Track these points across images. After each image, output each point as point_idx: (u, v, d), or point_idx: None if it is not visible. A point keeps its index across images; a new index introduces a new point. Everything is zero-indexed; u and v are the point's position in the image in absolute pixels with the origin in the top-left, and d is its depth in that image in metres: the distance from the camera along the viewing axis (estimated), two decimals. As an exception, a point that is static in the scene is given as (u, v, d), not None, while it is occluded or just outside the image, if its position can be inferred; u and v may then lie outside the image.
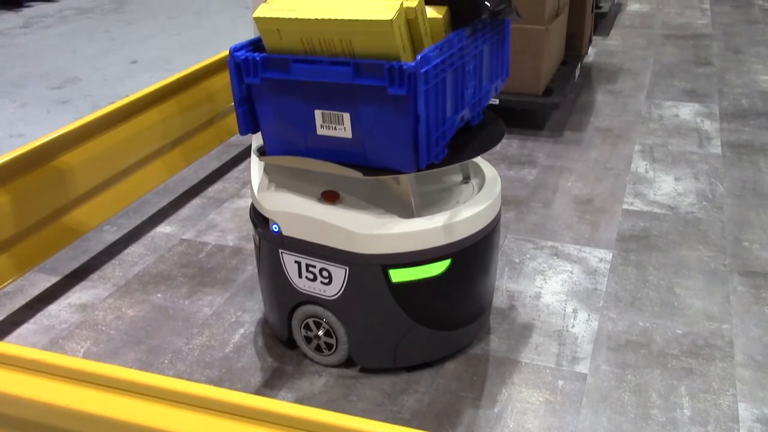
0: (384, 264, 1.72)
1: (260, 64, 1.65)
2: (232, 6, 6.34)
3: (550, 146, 3.35)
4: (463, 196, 1.90)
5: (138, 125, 2.73)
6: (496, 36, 1.83)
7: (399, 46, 1.52)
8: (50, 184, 2.32)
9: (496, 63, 1.86)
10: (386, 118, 1.57)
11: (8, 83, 4.35)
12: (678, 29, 5.34)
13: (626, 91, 4.06)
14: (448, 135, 1.67)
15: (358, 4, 1.55)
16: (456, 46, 1.62)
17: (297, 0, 1.66)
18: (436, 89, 1.57)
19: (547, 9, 3.35)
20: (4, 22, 5.86)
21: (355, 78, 1.55)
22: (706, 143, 3.36)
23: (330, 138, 1.68)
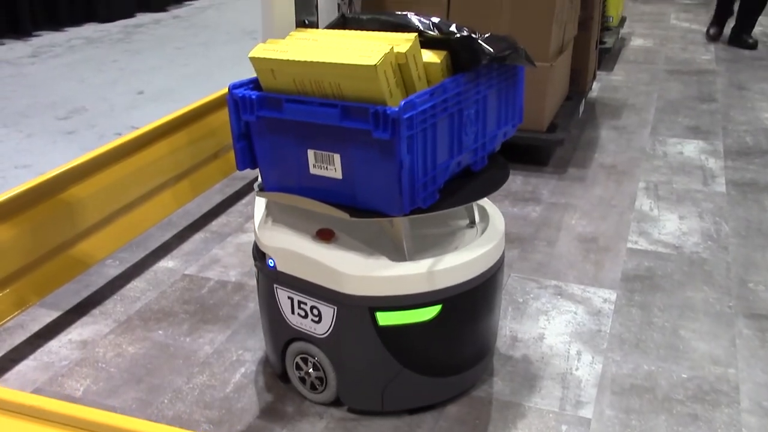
0: (371, 306, 1.72)
1: (256, 102, 1.70)
2: (240, 37, 6.39)
3: (554, 183, 3.35)
4: (463, 241, 1.88)
5: (143, 159, 2.74)
6: (506, 81, 1.82)
7: (385, 90, 1.54)
8: (53, 219, 2.32)
9: (505, 108, 1.85)
10: (372, 161, 1.60)
11: (16, 113, 4.37)
12: (682, 65, 5.36)
13: (630, 127, 4.06)
14: (439, 180, 1.68)
15: (348, 48, 1.58)
16: (450, 92, 1.63)
17: (292, 41, 1.72)
18: (424, 134, 1.58)
19: (552, 46, 3.37)
20: (13, 52, 5.91)
21: (342, 120, 1.58)
22: (711, 181, 3.35)
23: (322, 178, 1.71)
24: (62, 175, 2.36)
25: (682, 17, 7.02)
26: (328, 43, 1.66)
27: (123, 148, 2.64)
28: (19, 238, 2.20)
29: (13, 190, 2.19)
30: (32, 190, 2.25)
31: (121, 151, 2.63)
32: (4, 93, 4.78)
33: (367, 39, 1.67)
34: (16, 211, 2.20)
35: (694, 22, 6.81)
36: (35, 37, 6.40)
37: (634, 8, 7.39)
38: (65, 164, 2.39)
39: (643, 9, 7.39)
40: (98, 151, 2.53)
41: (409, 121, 1.51)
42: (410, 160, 1.55)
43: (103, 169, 2.56)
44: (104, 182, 2.55)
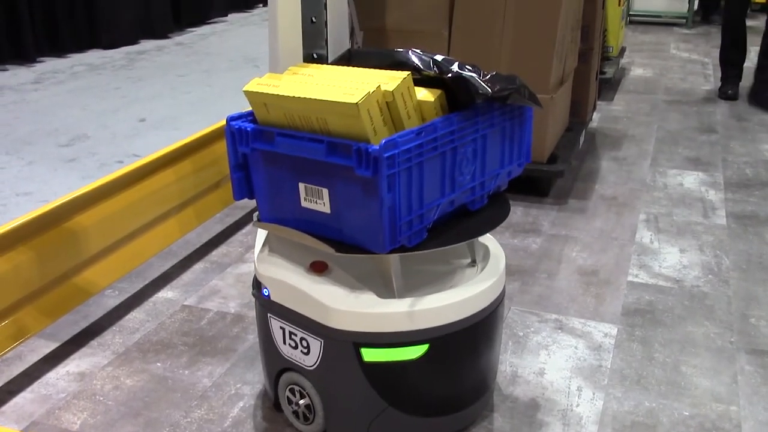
0: (355, 341, 1.72)
1: (251, 134, 1.75)
2: (242, 64, 6.43)
3: (555, 214, 3.35)
4: (461, 279, 1.87)
5: (145, 189, 2.74)
6: (512, 120, 1.82)
7: (368, 128, 1.55)
8: (54, 249, 2.32)
9: (510, 147, 1.84)
10: (356, 198, 1.62)
11: (18, 140, 4.39)
12: (681, 95, 5.38)
13: (631, 159, 4.07)
14: (427, 219, 1.67)
15: (337, 85, 1.61)
16: (441, 131, 1.63)
17: (288, 76, 1.76)
18: (408, 173, 1.58)
19: (553, 78, 3.39)
20: (16, 78, 5.94)
21: (327, 156, 1.60)
22: (711, 214, 3.35)
23: (312, 211, 1.73)
24: (64, 205, 2.36)
25: (682, 47, 7.07)
26: (321, 79, 1.70)
27: (125, 178, 2.65)
28: (22, 268, 2.20)
29: (15, 221, 2.19)
30: (34, 220, 2.25)
31: (123, 181, 2.64)
32: (7, 119, 4.80)
33: (360, 76, 1.68)
34: (18, 240, 2.20)
35: (693, 52, 6.85)
36: (38, 63, 6.44)
37: (634, 38, 7.44)
38: (66, 195, 2.39)
39: (642, 38, 7.45)
40: (101, 181, 2.54)
41: (390, 160, 1.53)
42: (392, 198, 1.56)
43: (105, 199, 2.56)
44: (106, 212, 2.55)
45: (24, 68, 6.27)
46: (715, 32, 7.78)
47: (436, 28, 3.46)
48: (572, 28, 3.67)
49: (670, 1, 8.09)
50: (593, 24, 4.06)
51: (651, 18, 8.22)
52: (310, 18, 2.01)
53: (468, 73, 1.67)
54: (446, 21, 3.43)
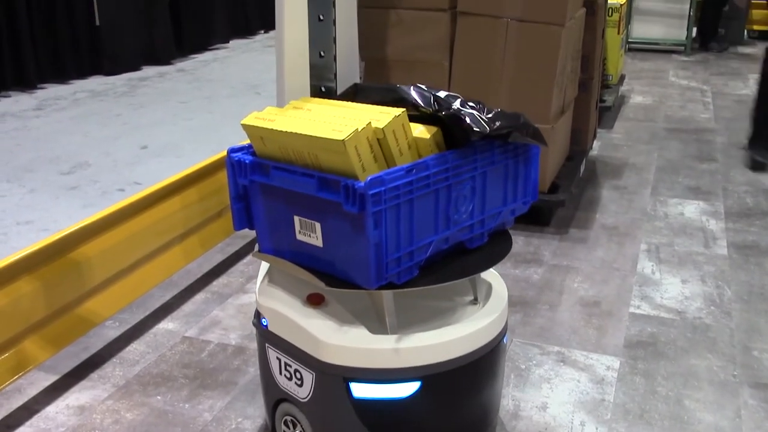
0: (345, 376, 1.71)
1: (249, 167, 1.77)
2: (244, 91, 6.46)
3: (556, 244, 3.35)
4: (461, 316, 1.85)
5: (148, 219, 2.74)
6: (515, 158, 1.81)
7: (355, 164, 1.57)
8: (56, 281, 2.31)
9: (514, 185, 1.84)
10: (345, 233, 1.62)
11: (19, 168, 4.40)
12: (681, 123, 5.41)
13: (631, 187, 4.08)
14: (418, 256, 1.67)
15: (329, 121, 1.63)
16: (434, 168, 1.63)
17: (287, 111, 1.78)
18: (397, 210, 1.59)
19: (553, 108, 3.40)
20: (18, 104, 5.97)
21: (318, 191, 1.62)
22: (712, 243, 3.35)
23: (306, 244, 1.74)
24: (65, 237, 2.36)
25: (681, 74, 7.11)
26: (317, 114, 1.72)
27: (128, 209, 2.65)
28: (24, 300, 2.19)
29: (17, 253, 2.19)
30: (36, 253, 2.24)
31: (126, 212, 2.64)
32: (9, 147, 4.82)
33: (356, 112, 1.70)
34: (21, 272, 2.20)
35: (692, 79, 6.89)
36: (40, 89, 6.47)
37: (633, 65, 7.48)
38: (68, 227, 2.39)
39: (641, 66, 7.49)
40: (104, 212, 2.54)
41: (376, 197, 1.54)
42: (378, 235, 1.57)
43: (107, 230, 2.56)
44: (109, 243, 2.55)
45: (26, 94, 6.29)
46: (713, 59, 7.84)
47: (437, 58, 3.48)
48: (572, 58, 3.69)
49: (668, 28, 8.15)
50: (593, 53, 4.08)
51: (649, 45, 8.27)
52: (319, 52, 2.02)
53: (468, 110, 1.67)
54: (447, 52, 3.46)
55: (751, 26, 8.87)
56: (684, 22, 8.03)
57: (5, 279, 2.15)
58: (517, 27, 3.33)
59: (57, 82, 6.72)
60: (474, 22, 3.39)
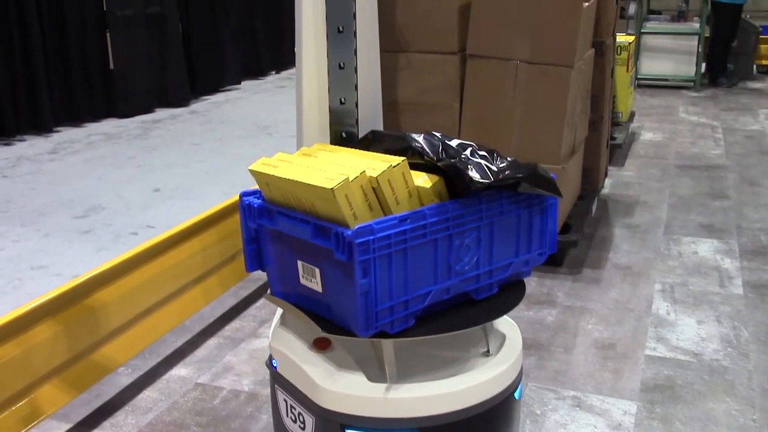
0: (342, 423, 1.70)
1: (257, 211, 1.80)
2: (255, 132, 6.51)
3: (570, 285, 3.33)
4: (468, 368, 1.81)
5: (160, 265, 2.75)
6: (528, 208, 1.78)
7: (346, 212, 1.58)
8: (71, 328, 2.32)
9: (527, 236, 1.81)
10: (339, 280, 1.63)
11: (34, 212, 4.43)
12: (692, 159, 5.40)
13: (644, 226, 4.06)
14: (414, 306, 1.66)
15: (325, 169, 1.65)
16: (431, 218, 1.63)
17: (294, 157, 1.81)
18: (388, 259, 1.58)
19: (564, 148, 3.41)
20: (33, 148, 6.04)
21: (313, 237, 1.63)
22: (728, 283, 3.33)
23: (309, 288, 1.75)
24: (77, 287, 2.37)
25: (691, 110, 7.12)
26: (320, 162, 1.75)
27: (142, 255, 2.66)
28: (39, 349, 2.19)
29: (31, 303, 2.20)
30: (50, 302, 2.25)
31: (140, 258, 2.65)
32: (24, 190, 4.86)
33: (357, 160, 1.72)
34: (35, 321, 2.21)
35: (702, 115, 6.90)
36: (56, 132, 6.55)
37: (643, 101, 7.50)
38: (81, 275, 2.40)
39: (651, 102, 7.51)
40: (118, 259, 2.55)
41: (364, 245, 1.54)
42: (367, 284, 1.57)
43: (122, 276, 2.57)
44: (123, 289, 2.56)
45: (41, 138, 6.37)
46: (723, 95, 7.85)
47: (448, 100, 3.50)
48: (582, 98, 3.71)
49: (677, 64, 8.18)
50: (602, 93, 4.10)
51: (659, 81, 8.30)
52: (340, 98, 2.03)
53: (477, 159, 1.67)
54: (457, 94, 3.48)
55: (760, 61, 8.91)
56: (693, 58, 8.07)
57: (19, 329, 2.16)
58: (527, 69, 3.36)
59: (71, 125, 6.80)
60: (483, 65, 3.42)
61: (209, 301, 3.01)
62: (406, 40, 3.53)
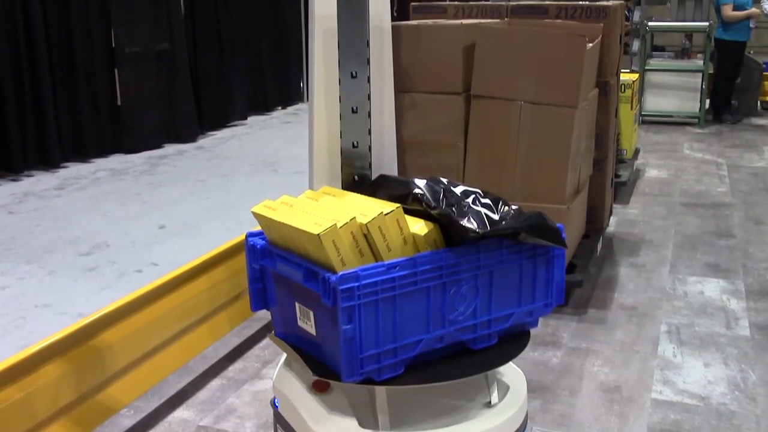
0: None
1: (259, 252, 1.84)
2: (261, 168, 6.53)
3: (575, 325, 3.31)
4: (466, 417, 1.79)
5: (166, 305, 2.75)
6: (532, 258, 1.77)
7: (333, 258, 1.60)
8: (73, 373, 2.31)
9: (531, 287, 1.79)
10: (328, 324, 1.64)
11: (39, 249, 4.44)
12: (697, 197, 5.40)
13: (649, 265, 4.05)
14: (403, 354, 1.65)
15: (319, 214, 1.68)
16: (423, 266, 1.62)
17: (297, 201, 1.84)
18: (375, 306, 1.59)
19: (568, 188, 3.41)
20: (40, 184, 6.07)
21: (304, 281, 1.65)
22: (734, 324, 3.31)
23: (305, 330, 1.76)
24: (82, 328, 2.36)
25: (695, 147, 7.14)
26: (318, 206, 1.78)
27: (148, 296, 2.66)
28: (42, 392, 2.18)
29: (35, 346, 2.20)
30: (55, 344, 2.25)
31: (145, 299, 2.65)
32: (30, 227, 4.88)
33: (354, 205, 1.74)
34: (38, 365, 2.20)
35: (706, 152, 6.91)
36: (63, 168, 6.58)
37: (647, 138, 7.52)
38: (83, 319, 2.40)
39: (656, 139, 7.53)
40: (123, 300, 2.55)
41: (348, 292, 1.55)
42: (351, 330, 1.57)
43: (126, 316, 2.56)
44: (128, 330, 2.55)
45: (48, 173, 6.40)
46: (727, 131, 7.87)
47: (452, 140, 3.52)
48: (586, 138, 3.72)
49: (681, 101, 8.22)
50: (606, 132, 4.11)
51: (663, 118, 8.33)
52: (352, 142, 2.03)
53: (477, 207, 1.67)
54: (462, 134, 3.50)
55: (764, 97, 8.94)
56: (697, 94, 8.11)
57: (22, 372, 2.15)
58: (531, 109, 3.38)
59: (79, 160, 6.84)
60: (487, 105, 3.44)
61: (213, 341, 3.00)
62: (411, 80, 3.55)
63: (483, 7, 4.14)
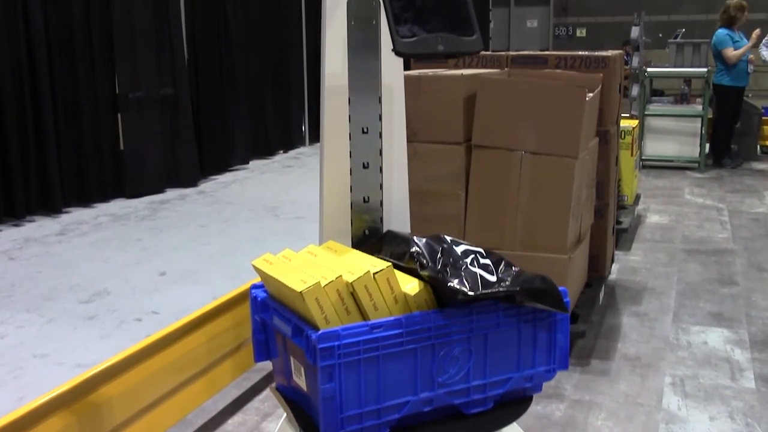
0: None
1: (260, 304, 1.84)
2: (262, 214, 6.54)
3: (578, 377, 3.28)
4: None
5: (167, 357, 2.72)
6: (531, 322, 1.74)
7: (316, 316, 1.60)
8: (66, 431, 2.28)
9: (530, 351, 1.76)
10: (312, 381, 1.63)
11: (39, 296, 4.43)
12: (699, 243, 5.39)
13: (652, 314, 4.03)
14: (386, 416, 1.63)
15: (309, 271, 1.68)
16: (409, 327, 1.61)
17: (293, 255, 1.85)
18: (357, 366, 1.57)
19: (569, 237, 3.41)
20: (42, 229, 6.07)
21: (293, 336, 1.64)
22: (739, 376, 3.27)
23: (299, 385, 1.75)
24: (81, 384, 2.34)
25: (696, 192, 7.15)
26: (313, 262, 1.78)
27: (149, 349, 2.63)
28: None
29: (34, 402, 2.17)
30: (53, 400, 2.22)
31: (146, 352, 2.62)
32: (30, 274, 4.87)
33: (347, 262, 1.75)
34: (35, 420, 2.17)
35: (707, 197, 6.92)
36: (65, 213, 6.59)
37: (648, 183, 7.54)
38: (80, 375, 2.37)
39: (656, 183, 7.55)
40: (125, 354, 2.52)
41: (328, 351, 1.54)
42: (331, 389, 1.56)
43: (126, 370, 2.54)
44: (128, 383, 2.52)
45: (50, 219, 6.41)
46: (728, 176, 7.89)
47: (453, 189, 3.52)
48: (587, 187, 3.73)
49: (681, 145, 8.26)
50: (607, 180, 4.12)
51: (663, 162, 8.36)
52: (363, 197, 2.01)
53: (474, 269, 1.65)
54: (463, 183, 3.50)
55: (763, 142, 8.98)
56: (696, 139, 8.16)
57: (19, 429, 2.12)
58: (531, 159, 3.39)
59: (81, 205, 6.85)
60: (488, 155, 3.45)
61: (212, 393, 2.97)
62: (412, 130, 3.55)
63: (483, 56, 4.18)
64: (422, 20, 1.62)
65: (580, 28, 17.61)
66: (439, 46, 1.64)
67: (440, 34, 1.64)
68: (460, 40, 1.66)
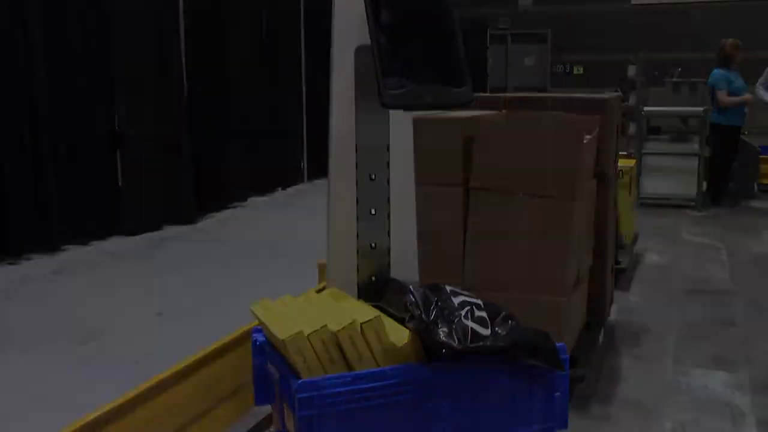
0: None
1: (257, 348, 1.89)
2: (260, 251, 6.53)
3: (577, 422, 3.24)
4: None
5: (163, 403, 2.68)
6: (527, 378, 1.72)
7: (298, 364, 1.60)
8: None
9: (525, 409, 1.72)
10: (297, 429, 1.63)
11: (35, 338, 4.39)
12: (698, 283, 5.37)
13: (652, 356, 4.00)
14: None
15: (298, 318, 1.69)
16: (393, 380, 1.59)
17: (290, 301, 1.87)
18: (337, 417, 1.55)
19: (568, 280, 3.40)
20: (38, 268, 6.05)
21: (280, 383, 1.66)
22: (740, 421, 3.24)
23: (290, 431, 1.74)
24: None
25: (694, 231, 7.15)
26: (307, 309, 1.79)
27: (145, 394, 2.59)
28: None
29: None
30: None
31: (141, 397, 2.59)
32: (26, 315, 4.84)
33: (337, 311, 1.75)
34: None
35: (705, 236, 6.92)
36: (62, 251, 6.56)
37: (646, 221, 7.52)
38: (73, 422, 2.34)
39: (654, 222, 7.54)
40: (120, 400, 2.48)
41: (307, 401, 1.53)
42: None
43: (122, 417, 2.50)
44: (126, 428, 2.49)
45: (47, 257, 6.37)
46: (725, 215, 7.90)
47: (451, 231, 3.51)
48: (586, 228, 3.73)
49: (678, 184, 8.28)
50: (606, 221, 4.11)
51: (661, 200, 8.38)
52: (370, 243, 2.01)
53: (467, 321, 1.64)
54: (461, 225, 3.50)
55: (761, 180, 9.01)
56: (694, 178, 8.18)
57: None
58: (529, 202, 3.39)
59: (78, 243, 6.82)
60: (486, 197, 3.46)
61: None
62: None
63: (480, 98, 4.20)
64: (411, 71, 1.63)
65: (577, 66, 17.78)
66: (427, 97, 1.65)
67: (429, 86, 1.65)
68: (450, 92, 1.67)
